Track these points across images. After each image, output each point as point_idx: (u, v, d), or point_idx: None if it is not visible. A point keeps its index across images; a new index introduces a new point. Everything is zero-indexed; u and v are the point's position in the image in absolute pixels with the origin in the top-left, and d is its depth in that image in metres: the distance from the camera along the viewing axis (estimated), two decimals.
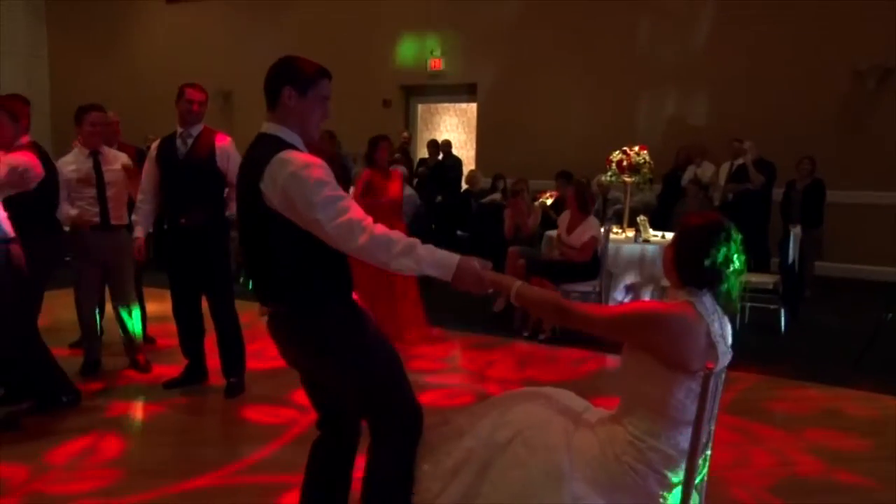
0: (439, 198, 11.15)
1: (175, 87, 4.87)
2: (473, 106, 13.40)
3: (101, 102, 5.22)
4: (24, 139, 4.42)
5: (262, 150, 2.52)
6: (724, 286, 2.29)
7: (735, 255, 2.28)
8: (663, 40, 11.10)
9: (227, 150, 4.87)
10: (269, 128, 2.63)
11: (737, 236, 2.30)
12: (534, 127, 12.07)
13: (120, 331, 5.36)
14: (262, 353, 5.86)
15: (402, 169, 9.46)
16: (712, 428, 2.37)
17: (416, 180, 11.48)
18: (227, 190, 4.89)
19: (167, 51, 15.46)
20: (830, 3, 9.81)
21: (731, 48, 10.49)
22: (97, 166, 4.99)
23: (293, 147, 2.54)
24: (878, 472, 3.90)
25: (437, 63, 13.25)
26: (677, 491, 2.26)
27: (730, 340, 2.34)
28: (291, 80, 2.65)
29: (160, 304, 6.09)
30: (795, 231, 7.31)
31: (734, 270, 2.28)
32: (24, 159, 4.27)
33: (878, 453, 4.18)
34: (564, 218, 7.03)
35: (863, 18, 9.73)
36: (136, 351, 5.38)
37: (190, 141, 4.75)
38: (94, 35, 16.41)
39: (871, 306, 6.06)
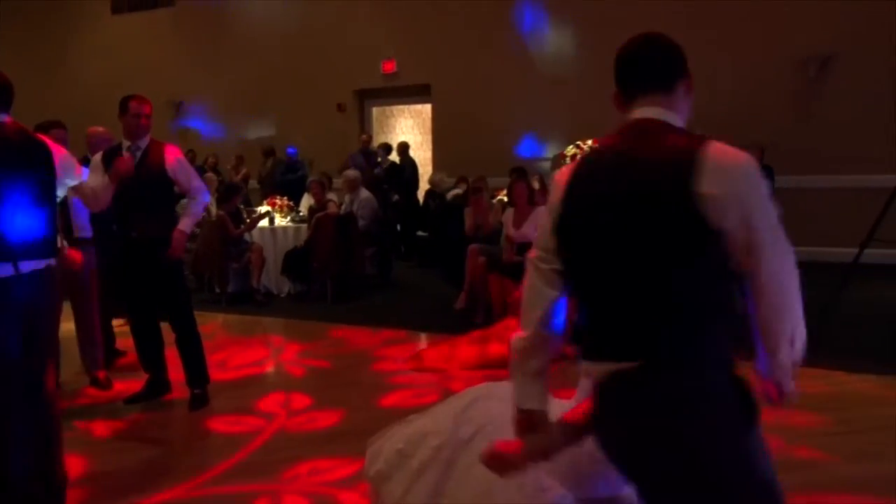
0: (396, 197, 11.13)
1: (120, 95, 4.77)
2: (428, 107, 13.40)
3: (46, 117, 5.10)
4: None
5: (665, 140, 1.79)
6: None
7: None
8: (614, 36, 11.17)
9: (181, 162, 4.83)
10: (657, 112, 1.90)
11: None
12: (489, 125, 12.11)
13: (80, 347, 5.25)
14: (226, 364, 5.83)
15: (355, 172, 9.42)
16: None
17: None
18: (186, 202, 4.86)
19: (113, 62, 15.20)
20: None
21: (680, 42, 10.61)
22: None
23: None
24: (835, 446, 3.98)
25: (389, 65, 13.23)
26: None
27: None
28: (687, 73, 2.06)
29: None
30: None
31: None
32: None
33: (835, 428, 4.26)
34: (509, 215, 7.06)
35: (803, 9, 9.94)
36: (96, 368, 5.27)
37: (139, 154, 4.65)
38: (39, 49, 16.09)
39: (822, 286, 6.16)
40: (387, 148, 12.09)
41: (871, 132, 9.41)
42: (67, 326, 4.95)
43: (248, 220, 8.66)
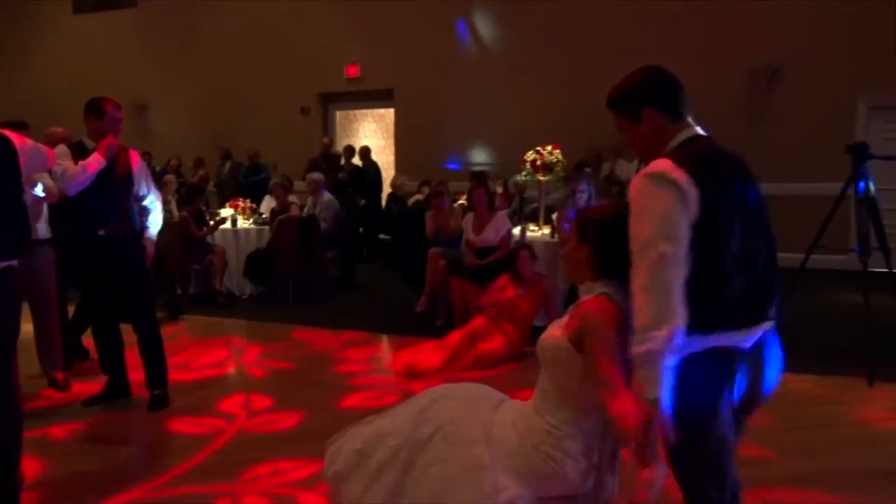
0: (363, 201, 11.13)
1: (85, 98, 4.73)
2: (391, 111, 13.42)
3: (7, 116, 5.03)
4: None
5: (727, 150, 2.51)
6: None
7: None
8: (573, 44, 11.33)
9: (144, 166, 4.97)
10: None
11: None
12: (451, 130, 12.17)
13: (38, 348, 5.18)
14: (187, 365, 5.79)
15: (318, 175, 9.39)
16: None
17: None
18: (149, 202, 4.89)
19: (76, 62, 14.98)
20: (726, 8, 10.24)
21: (636, 51, 10.76)
22: None
23: None
24: (778, 443, 4.09)
25: (353, 70, 13.22)
26: (594, 474, 2.31)
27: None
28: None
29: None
30: None
31: None
32: None
33: (777, 426, 4.37)
34: (469, 220, 7.09)
35: (755, 21, 10.19)
36: (55, 369, 5.20)
37: (110, 158, 4.63)
38: (0, 48, 15.76)
39: None
40: (350, 151, 12.07)
41: (818, 142, 9.64)
42: (26, 328, 4.89)
43: (210, 223, 8.59)
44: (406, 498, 2.33)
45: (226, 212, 9.28)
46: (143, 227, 4.90)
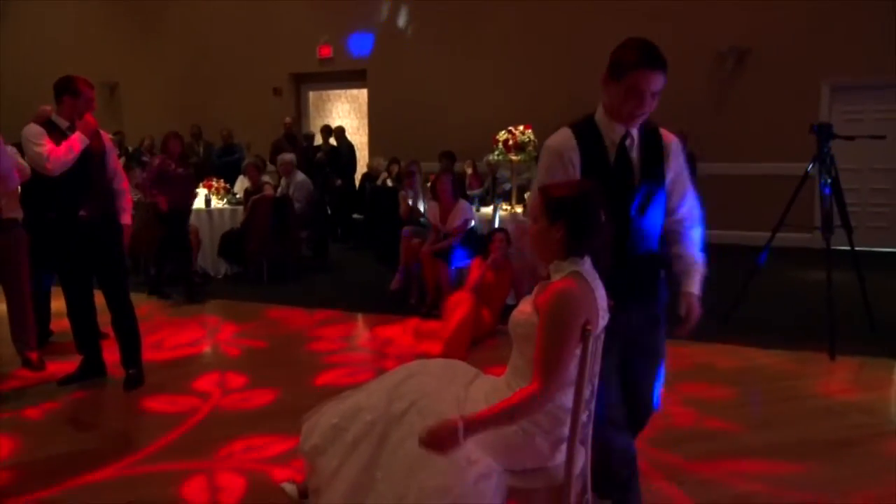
0: (339, 182, 11.07)
1: (54, 78, 4.62)
2: (364, 92, 13.32)
3: None
4: None
5: None
6: (604, 244, 2.32)
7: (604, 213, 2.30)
8: (545, 24, 11.31)
9: (112, 146, 4.89)
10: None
11: (600, 191, 2.31)
12: (424, 111, 12.11)
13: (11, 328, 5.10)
14: (161, 344, 5.74)
15: (290, 156, 9.31)
16: (595, 385, 2.44)
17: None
18: (115, 183, 4.81)
19: (46, 42, 14.65)
20: None
21: (606, 32, 10.77)
22: None
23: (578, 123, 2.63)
24: (745, 417, 4.17)
25: (326, 50, 13.08)
26: (564, 447, 2.33)
27: (605, 302, 2.40)
28: (610, 63, 2.58)
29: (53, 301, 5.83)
30: None
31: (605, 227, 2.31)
32: None
33: (744, 399, 4.46)
34: (434, 208, 7.02)
35: (721, 3, 10.22)
36: (28, 349, 5.12)
37: (91, 136, 4.55)
38: None
39: (739, 269, 6.40)
40: (328, 131, 11.96)
41: (784, 123, 9.76)
42: None
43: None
44: (380, 471, 2.33)
45: (200, 192, 9.16)
46: (119, 211, 4.83)
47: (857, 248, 5.79)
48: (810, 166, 5.74)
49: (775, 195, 6.77)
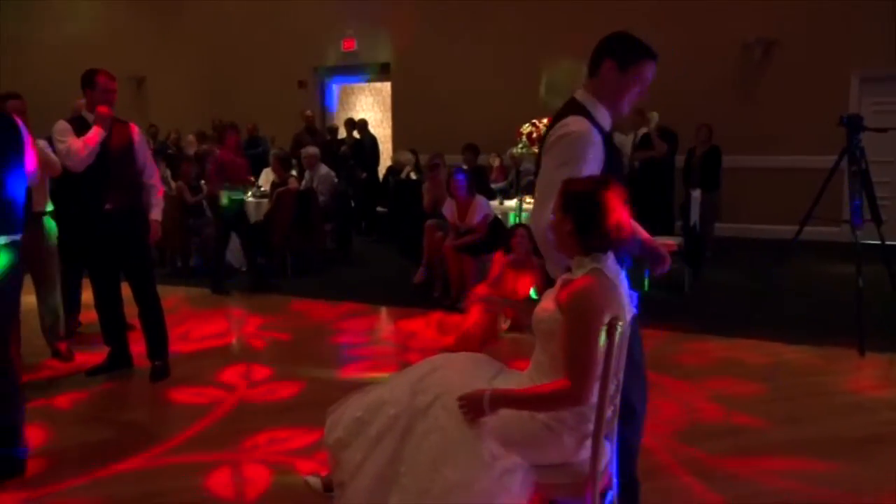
0: (364, 175, 11.08)
1: (79, 74, 4.65)
2: (388, 85, 13.31)
3: (4, 88, 4.96)
4: None
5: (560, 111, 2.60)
6: (623, 242, 2.30)
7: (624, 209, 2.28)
8: (569, 17, 11.21)
9: (143, 140, 4.90)
10: (580, 94, 2.65)
11: (619, 189, 2.28)
12: (447, 103, 12.07)
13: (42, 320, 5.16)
14: (187, 336, 5.78)
15: (314, 149, 9.33)
16: (620, 381, 2.42)
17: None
18: (145, 177, 4.82)
19: (75, 36, 14.80)
20: None
21: (630, 24, 10.64)
22: None
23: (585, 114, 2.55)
24: (772, 412, 4.11)
25: (350, 44, 13.08)
26: (589, 443, 2.31)
27: (629, 297, 2.38)
28: (614, 53, 2.59)
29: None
30: (695, 195, 7.53)
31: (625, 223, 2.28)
32: None
33: (771, 395, 4.40)
34: (451, 205, 6.99)
35: None
36: (58, 340, 5.19)
37: (108, 128, 4.57)
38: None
39: (765, 263, 6.33)
40: (352, 124, 11.98)
41: (811, 114, 9.59)
42: (29, 300, 4.88)
43: (203, 192, 8.58)
44: (404, 465, 2.33)
45: None
46: (147, 206, 4.84)
47: (887, 242, 5.68)
48: (839, 159, 5.63)
49: (802, 188, 6.68)
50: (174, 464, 3.58)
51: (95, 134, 4.45)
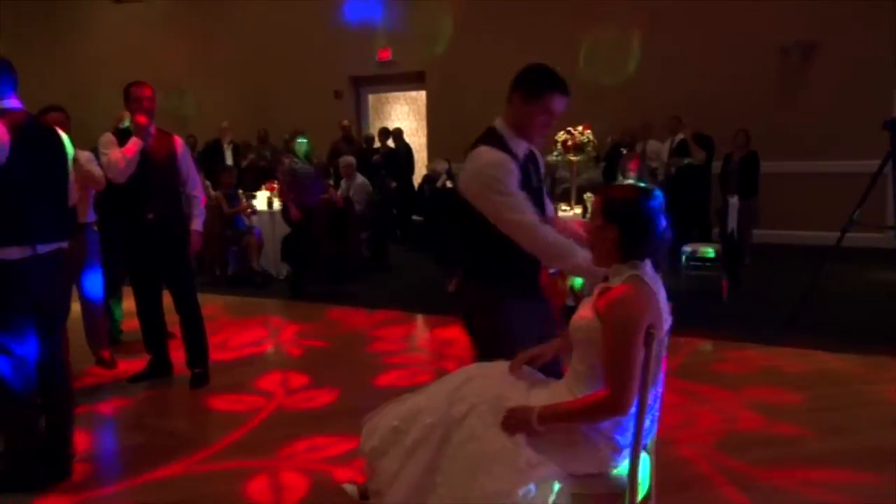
0: (394, 184, 11.12)
1: (122, 87, 4.74)
2: (423, 94, 13.35)
3: (49, 101, 5.06)
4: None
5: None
6: (662, 249, 2.31)
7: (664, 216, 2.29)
8: (603, 24, 11.16)
9: (186, 151, 4.94)
10: (497, 122, 2.88)
11: (660, 196, 2.30)
12: (482, 112, 11.94)
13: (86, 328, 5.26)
14: (226, 344, 5.85)
15: (351, 158, 9.41)
16: (659, 390, 2.40)
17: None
18: (188, 188, 4.89)
19: (115, 50, 15.10)
20: None
21: (666, 31, 10.60)
22: None
23: (495, 142, 2.79)
24: (813, 422, 4.02)
25: (385, 53, 13.16)
26: (627, 452, 2.29)
27: (667, 305, 2.36)
28: (522, 84, 2.82)
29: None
30: (733, 201, 7.43)
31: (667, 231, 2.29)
32: None
33: (812, 405, 4.30)
34: None
35: None
36: (101, 347, 5.28)
37: (148, 137, 4.64)
38: (42, 37, 15.95)
39: (805, 269, 6.22)
40: (386, 133, 12.04)
41: (852, 119, 9.41)
42: (74, 308, 4.97)
43: (242, 203, 8.69)
44: (440, 475, 2.32)
45: (261, 194, 9.33)
46: (189, 217, 4.90)
47: None
48: (884, 163, 5.52)
49: (844, 193, 6.55)
50: (214, 470, 3.62)
51: (133, 144, 4.52)
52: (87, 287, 5.13)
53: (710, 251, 7.17)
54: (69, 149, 3.53)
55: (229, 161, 11.57)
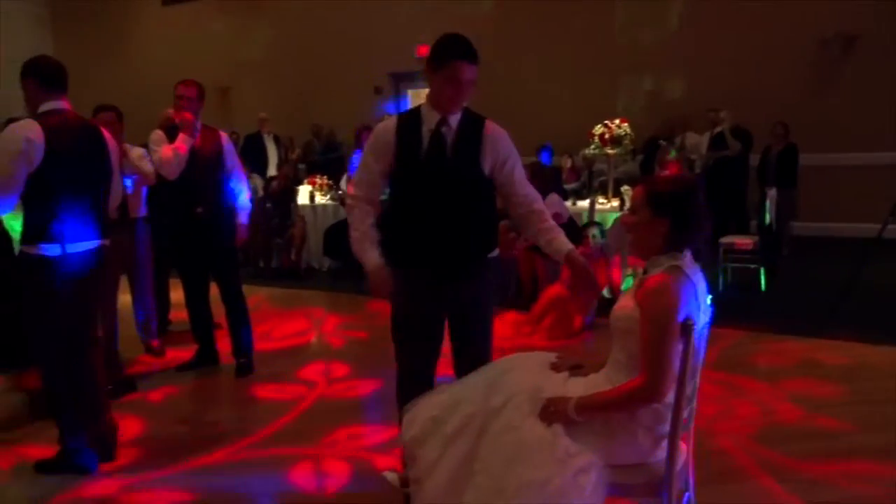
0: None
1: (172, 85, 4.79)
2: None
3: (102, 101, 5.13)
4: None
5: None
6: (703, 240, 2.30)
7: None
8: (640, 18, 11.02)
9: (231, 146, 4.99)
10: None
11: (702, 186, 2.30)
12: (519, 107, 11.98)
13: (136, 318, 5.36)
14: (269, 334, 5.91)
15: None
16: (697, 382, 2.36)
17: None
18: (233, 182, 4.93)
19: (164, 51, 15.34)
20: None
21: (704, 23, 10.42)
22: None
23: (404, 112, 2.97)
24: (854, 415, 3.92)
25: (424, 49, 13.15)
26: (665, 443, 2.26)
27: (707, 296, 2.32)
28: (431, 56, 2.82)
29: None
30: (771, 193, 7.30)
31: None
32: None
33: (853, 398, 4.20)
34: None
35: None
36: (151, 337, 5.37)
37: (195, 134, 4.69)
38: (95, 39, 16.28)
39: (844, 261, 6.07)
40: None
41: (891, 111, 9.16)
42: (125, 299, 5.08)
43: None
44: (479, 463, 2.31)
45: (304, 188, 9.41)
46: (235, 210, 4.95)
47: None
48: None
49: (885, 185, 6.38)
50: (258, 457, 3.66)
51: (182, 140, 4.58)
52: (138, 278, 5.21)
53: (749, 243, 7.05)
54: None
55: (271, 153, 11.72)
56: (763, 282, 6.86)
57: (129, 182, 4.68)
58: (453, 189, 2.82)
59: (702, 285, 2.26)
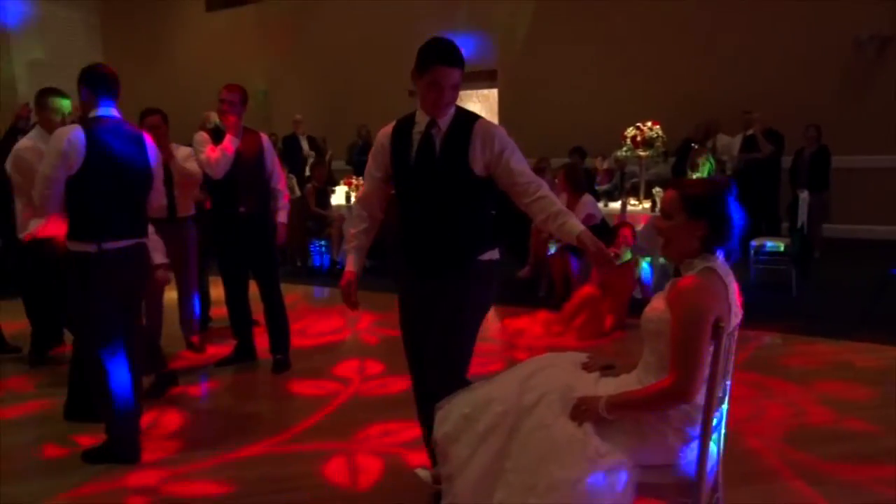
0: None
1: (214, 87, 4.87)
2: (495, 92, 13.30)
3: (148, 105, 5.20)
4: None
5: None
6: (735, 243, 2.26)
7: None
8: (673, 20, 10.89)
9: (271, 147, 5.04)
10: None
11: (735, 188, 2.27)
12: (553, 109, 11.95)
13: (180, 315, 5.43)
14: (305, 332, 5.95)
15: None
16: (728, 383, 2.33)
17: None
18: (273, 183, 4.98)
19: (207, 55, 15.56)
20: None
21: (737, 24, 10.29)
22: None
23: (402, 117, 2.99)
24: (885, 418, 3.84)
25: None
26: (695, 444, 2.23)
27: (738, 297, 2.29)
28: (416, 62, 2.84)
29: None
30: (803, 196, 7.18)
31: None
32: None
33: (884, 401, 4.11)
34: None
35: None
36: (192, 333, 5.44)
37: (240, 136, 4.75)
38: (142, 44, 16.55)
39: (876, 264, 5.94)
40: None
41: None
42: (170, 296, 5.15)
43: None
44: (510, 461, 2.30)
45: (340, 188, 9.47)
46: (274, 210, 5.00)
47: None
48: None
49: None
50: (294, 451, 3.69)
51: (228, 142, 4.64)
52: (183, 276, 5.28)
53: (780, 245, 6.93)
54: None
55: (305, 153, 11.82)
56: (794, 284, 6.75)
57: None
58: (442, 189, 2.84)
59: (734, 286, 2.24)
